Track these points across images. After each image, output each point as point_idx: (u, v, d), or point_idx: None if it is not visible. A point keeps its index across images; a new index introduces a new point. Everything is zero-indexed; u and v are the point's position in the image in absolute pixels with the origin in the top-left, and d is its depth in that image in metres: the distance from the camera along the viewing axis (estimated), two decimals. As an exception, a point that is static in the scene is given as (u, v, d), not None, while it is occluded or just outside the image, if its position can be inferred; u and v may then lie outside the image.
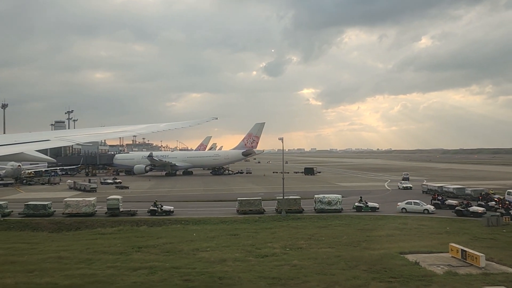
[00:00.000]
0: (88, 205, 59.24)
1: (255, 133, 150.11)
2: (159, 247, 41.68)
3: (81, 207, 58.89)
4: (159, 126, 25.80)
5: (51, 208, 59.91)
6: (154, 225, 55.79)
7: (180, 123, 26.92)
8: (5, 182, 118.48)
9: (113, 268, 32.26)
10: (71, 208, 58.81)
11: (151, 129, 25.50)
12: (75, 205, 59.11)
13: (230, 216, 60.73)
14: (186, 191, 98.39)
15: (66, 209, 59.17)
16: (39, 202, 60.97)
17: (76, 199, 61.16)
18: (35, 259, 36.47)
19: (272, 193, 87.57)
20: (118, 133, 26.33)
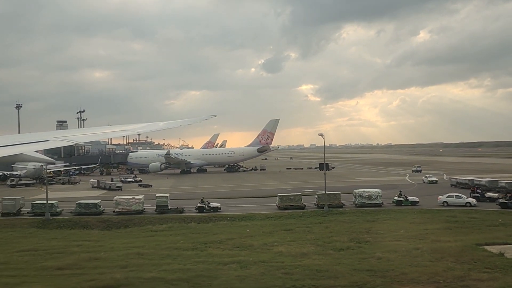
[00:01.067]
0: (138, 203, 60.31)
1: (269, 130, 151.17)
2: (225, 242, 42.72)
3: (131, 205, 59.96)
4: (158, 124, 25.49)
5: (100, 206, 60.89)
6: (202, 222, 56.81)
7: (179, 121, 26.78)
8: (26, 182, 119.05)
9: (203, 263, 33.34)
10: (122, 206, 59.85)
11: (150, 128, 25.64)
12: (125, 203, 60.14)
13: (273, 211, 61.83)
14: (211, 188, 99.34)
15: (116, 207, 60.18)
16: (90, 201, 62.03)
17: (126, 197, 62.17)
18: (116, 256, 37.54)
19: (299, 188, 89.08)
20: (117, 133, 26.34)
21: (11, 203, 61.41)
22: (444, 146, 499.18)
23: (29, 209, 61.32)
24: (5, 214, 60.84)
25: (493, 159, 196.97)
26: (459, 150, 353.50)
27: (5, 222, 57.86)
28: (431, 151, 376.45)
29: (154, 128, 25.05)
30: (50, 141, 17.31)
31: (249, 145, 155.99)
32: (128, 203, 60.03)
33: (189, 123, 27.03)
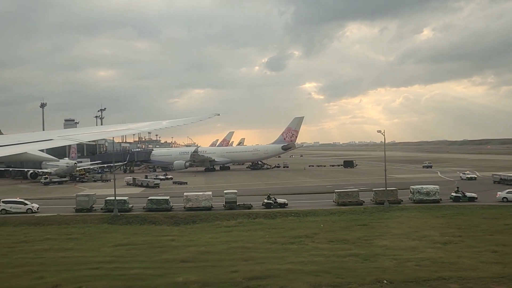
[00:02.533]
0: (208, 199, 61.63)
1: (294, 127, 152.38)
2: (315, 237, 44.04)
3: (201, 201, 61.26)
4: (162, 123, 25.54)
5: (170, 202, 62.21)
6: (268, 217, 58.02)
7: (182, 120, 26.65)
8: (59, 179, 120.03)
9: (321, 256, 34.76)
10: (192, 202, 61.16)
11: (154, 126, 25.61)
12: (195, 199, 61.46)
13: (333, 207, 63.13)
14: (248, 185, 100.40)
15: (187, 203, 61.44)
16: (161, 197, 63.37)
17: (196, 194, 63.44)
18: (222, 249, 38.90)
19: (338, 185, 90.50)
20: (121, 131, 26.01)
21: (85, 199, 62.81)
22: (449, 143, 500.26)
23: (103, 206, 62.49)
24: (79, 210, 62.17)
25: (506, 156, 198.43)
26: (468, 148, 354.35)
27: (77, 218, 59.09)
28: (439, 148, 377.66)
29: (157, 127, 25.70)
30: (54, 140, 17.12)
31: (273, 143, 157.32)
32: (198, 199, 61.36)
33: (193, 121, 27.00)
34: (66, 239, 46.55)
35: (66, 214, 60.61)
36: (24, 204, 63.37)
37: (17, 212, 62.27)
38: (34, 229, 52.97)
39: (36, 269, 33.40)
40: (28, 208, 62.86)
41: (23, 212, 62.42)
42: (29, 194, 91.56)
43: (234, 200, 61.96)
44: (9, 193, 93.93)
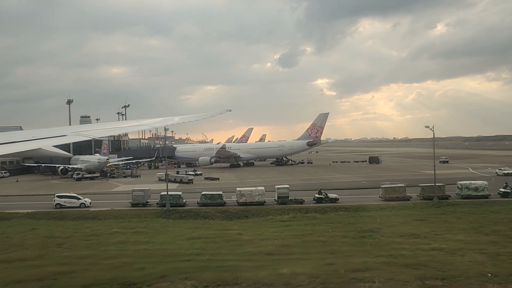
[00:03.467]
0: (261, 194, 62.44)
1: (319, 123, 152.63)
2: (381, 231, 44.64)
3: (254, 196, 62.11)
4: (174, 119, 25.61)
5: (223, 198, 63.09)
6: (319, 212, 58.62)
7: (194, 115, 26.80)
8: (91, 175, 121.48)
9: (405, 250, 35.49)
10: (245, 197, 62.04)
11: (166, 122, 25.72)
12: (248, 194, 62.31)
13: (381, 203, 63.64)
14: (281, 181, 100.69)
15: (240, 198, 62.34)
16: (215, 192, 64.26)
17: (249, 189, 64.23)
18: (297, 243, 39.60)
19: (373, 181, 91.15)
20: (134, 127, 26.44)
21: (140, 194, 63.92)
22: (464, 140, 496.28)
23: (158, 200, 63.51)
24: (135, 205, 63.32)
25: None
26: (486, 144, 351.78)
27: (131, 212, 60.16)
28: (456, 144, 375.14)
29: (169, 123, 25.50)
30: (67, 136, 17.52)
31: (298, 139, 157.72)
32: (251, 194, 62.19)
33: (204, 117, 26.99)
34: (133, 232, 47.49)
35: (120, 209, 61.69)
36: (77, 199, 64.64)
37: (71, 206, 63.52)
38: (94, 223, 54.04)
39: (130, 261, 34.32)
40: (81, 202, 64.13)
41: (76, 206, 63.68)
42: (64, 189, 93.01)
43: (286, 195, 62.66)
44: (44, 189, 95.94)
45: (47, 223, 54.41)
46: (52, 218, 57.66)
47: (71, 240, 43.57)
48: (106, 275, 30.53)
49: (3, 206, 66.96)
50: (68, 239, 44.21)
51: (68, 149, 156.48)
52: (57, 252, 38.44)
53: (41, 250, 39.11)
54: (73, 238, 44.31)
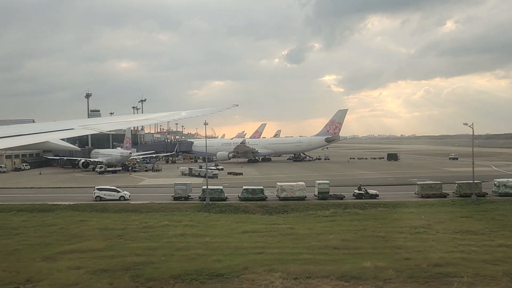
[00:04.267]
0: (302, 189, 62.68)
1: (337, 120, 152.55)
2: (431, 228, 44.80)
3: (295, 191, 62.35)
4: (181, 114, 25.78)
5: (264, 192, 63.45)
6: (358, 208, 58.79)
7: (201, 110, 26.89)
8: (113, 169, 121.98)
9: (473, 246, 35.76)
10: (286, 192, 62.30)
11: (172, 116, 25.83)
12: (289, 189, 62.56)
13: (419, 199, 63.57)
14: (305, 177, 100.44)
15: (281, 193, 62.61)
16: (256, 187, 64.51)
17: (290, 184, 64.42)
18: (354, 237, 39.90)
19: (402, 178, 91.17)
20: (141, 121, 26.02)
21: (183, 188, 64.36)
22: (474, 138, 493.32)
23: (200, 194, 63.92)
24: (177, 198, 63.82)
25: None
26: (499, 142, 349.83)
27: (172, 205, 60.57)
28: (466, 142, 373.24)
29: (176, 117, 25.63)
30: (75, 129, 17.55)
31: (317, 135, 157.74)
32: (292, 189, 62.42)
33: (211, 112, 27.23)
34: (183, 225, 47.94)
35: (160, 202, 62.09)
36: (117, 192, 65.16)
37: (111, 199, 64.04)
38: (138, 216, 54.42)
39: (204, 253, 34.75)
40: (121, 195, 64.66)
41: (116, 199, 64.18)
42: (89, 182, 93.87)
43: (327, 190, 62.92)
44: (70, 181, 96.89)
45: (92, 215, 54.91)
46: (95, 210, 58.20)
47: (127, 232, 43.99)
48: (188, 266, 30.90)
49: (40, 198, 67.49)
50: (123, 231, 44.65)
51: (87, 142, 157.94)
52: (124, 244, 38.90)
53: (105, 241, 39.55)
54: (129, 230, 44.74)
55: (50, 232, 44.30)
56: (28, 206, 59.44)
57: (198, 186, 73.36)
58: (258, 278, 28.20)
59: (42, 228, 46.46)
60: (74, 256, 34.52)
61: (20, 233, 43.81)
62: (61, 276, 29.51)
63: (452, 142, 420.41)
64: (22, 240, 40.73)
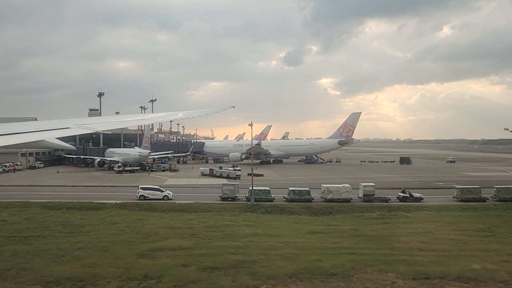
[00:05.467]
0: (348, 191, 63.14)
1: (351, 123, 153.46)
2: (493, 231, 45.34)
3: (342, 193, 62.79)
4: (178, 114, 26.02)
5: (311, 194, 63.86)
6: (403, 210, 59.32)
7: (198, 111, 26.96)
8: (131, 168, 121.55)
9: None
10: (333, 194, 62.71)
11: (169, 117, 25.93)
12: (336, 191, 62.99)
13: (461, 203, 63.67)
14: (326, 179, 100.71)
15: (327, 195, 63.02)
16: (303, 188, 64.81)
17: (337, 186, 64.77)
18: (428, 240, 40.37)
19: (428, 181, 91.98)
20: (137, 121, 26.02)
21: (230, 188, 64.55)
22: (470, 142, 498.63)
23: (247, 194, 64.17)
24: (225, 198, 64.04)
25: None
26: (498, 147, 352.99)
27: (218, 206, 60.65)
28: (465, 147, 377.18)
29: (173, 118, 25.80)
30: (70, 128, 17.56)
31: (330, 137, 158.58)
32: (338, 191, 62.86)
33: (208, 113, 27.52)
34: (244, 225, 48.08)
35: (206, 202, 62.17)
36: (161, 191, 65.16)
37: (154, 198, 64.04)
38: (189, 215, 54.39)
39: (294, 252, 34.97)
40: (165, 195, 64.68)
41: (159, 198, 64.18)
42: (112, 181, 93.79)
43: (372, 192, 63.47)
44: (88, 180, 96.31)
45: (144, 214, 54.85)
46: (143, 209, 58.17)
47: (196, 231, 43.98)
48: (294, 265, 31.06)
49: (76, 196, 67.25)
50: (191, 230, 44.70)
51: (99, 142, 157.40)
52: (207, 242, 38.96)
53: (188, 240, 39.64)
54: (196, 230, 44.73)
55: (119, 230, 44.13)
56: (75, 204, 59.22)
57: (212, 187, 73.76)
58: (376, 278, 28.43)
59: (108, 226, 46.27)
60: (168, 254, 34.48)
61: (90, 231, 43.64)
62: (175, 273, 29.54)
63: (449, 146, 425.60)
64: (99, 238, 40.54)
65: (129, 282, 27.93)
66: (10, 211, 54.49)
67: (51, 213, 53.74)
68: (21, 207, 56.86)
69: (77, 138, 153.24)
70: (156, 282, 27.82)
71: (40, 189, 78.45)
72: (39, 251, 35.45)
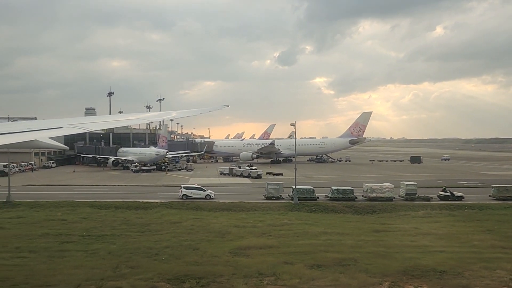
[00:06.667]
0: (391, 190, 63.67)
1: (362, 122, 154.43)
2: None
3: (385, 192, 63.32)
4: (171, 114, 26.22)
5: (354, 193, 64.29)
6: (446, 209, 60.00)
7: (191, 110, 27.04)
8: (148, 168, 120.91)
9: None
10: (376, 193, 63.20)
11: (163, 116, 26.11)
12: (379, 190, 63.50)
13: (500, 202, 64.42)
14: (345, 178, 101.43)
15: (370, 194, 63.51)
16: (346, 187, 65.21)
17: (379, 185, 65.23)
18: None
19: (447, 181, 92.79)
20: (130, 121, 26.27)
21: (275, 187, 64.76)
22: (464, 141, 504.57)
23: (292, 194, 64.35)
24: (269, 197, 64.26)
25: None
26: (495, 146, 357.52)
27: (262, 205, 60.78)
28: (462, 146, 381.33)
29: (166, 117, 26.10)
30: (63, 128, 17.34)
31: (340, 137, 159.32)
32: (381, 190, 63.39)
33: (202, 112, 27.45)
34: (303, 224, 48.42)
35: (250, 201, 62.31)
36: (203, 190, 65.14)
37: (197, 197, 64.01)
38: (242, 215, 54.47)
39: (383, 250, 35.33)
40: (207, 194, 64.68)
41: (202, 198, 64.14)
42: (133, 181, 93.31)
43: (414, 191, 64.08)
44: (111, 180, 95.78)
45: (195, 213, 54.79)
46: (189, 208, 58.09)
47: (264, 230, 44.20)
48: (398, 263, 31.47)
49: (113, 196, 66.85)
50: (256, 228, 44.95)
51: (108, 141, 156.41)
52: (285, 241, 39.11)
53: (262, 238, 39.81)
54: (262, 228, 44.94)
55: (188, 229, 43.94)
56: (121, 204, 58.94)
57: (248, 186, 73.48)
58: (488, 275, 28.85)
59: (172, 225, 46.14)
60: (259, 252, 34.62)
61: (158, 230, 43.55)
62: (286, 270, 29.69)
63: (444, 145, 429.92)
64: (175, 236, 40.40)
65: (247, 279, 28.03)
66: (62, 210, 54.16)
67: (103, 212, 53.51)
68: (70, 207, 56.52)
69: (87, 138, 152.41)
70: (275, 279, 27.95)
71: (71, 188, 77.96)
72: (130, 250, 35.40)
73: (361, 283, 27.19)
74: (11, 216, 50.41)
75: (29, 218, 49.64)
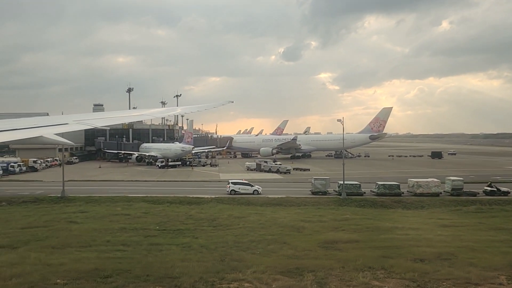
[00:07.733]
0: (437, 186, 63.87)
1: (382, 118, 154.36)
2: None
3: (431, 187, 63.53)
4: (176, 109, 26.33)
5: (400, 188, 64.52)
6: (495, 204, 60.05)
7: (196, 106, 26.99)
8: (173, 163, 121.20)
9: None
10: (422, 188, 63.43)
11: (168, 112, 26.23)
12: (425, 185, 63.71)
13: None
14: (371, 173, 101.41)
15: (417, 189, 63.76)
16: (392, 183, 65.42)
17: (426, 180, 65.44)
18: None
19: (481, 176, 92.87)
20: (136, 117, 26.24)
21: (322, 183, 65.09)
22: (470, 137, 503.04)
23: (339, 189, 64.69)
24: (316, 193, 64.66)
25: None
26: (505, 141, 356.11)
27: (311, 200, 61.02)
28: (472, 141, 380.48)
29: (171, 113, 25.73)
30: (69, 124, 17.26)
31: (360, 132, 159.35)
32: (428, 186, 63.62)
33: (206, 108, 27.35)
34: (364, 218, 48.68)
35: (298, 197, 62.51)
36: (250, 186, 65.36)
37: (245, 193, 64.24)
38: (294, 210, 54.74)
39: (470, 245, 35.56)
40: (255, 189, 64.86)
41: (249, 193, 64.34)
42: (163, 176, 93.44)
43: (461, 187, 64.22)
44: (143, 175, 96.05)
45: (249, 208, 54.97)
46: (240, 203, 58.23)
47: (331, 224, 44.54)
48: (499, 258, 31.56)
49: (157, 191, 67.04)
50: (323, 223, 45.22)
51: (128, 137, 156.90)
52: (373, 235, 39.36)
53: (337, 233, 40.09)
54: (329, 223, 45.17)
55: (258, 223, 43.87)
56: (174, 199, 59.23)
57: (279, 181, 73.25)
58: None
59: (238, 219, 46.08)
60: (348, 246, 34.87)
61: (229, 225, 43.53)
62: (395, 263, 29.90)
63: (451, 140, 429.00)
64: (253, 230, 40.71)
65: (358, 272, 28.18)
66: (119, 205, 54.41)
67: (160, 207, 53.71)
68: (124, 202, 56.80)
69: (107, 134, 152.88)
70: (387, 273, 28.17)
71: (111, 184, 78.23)
72: (220, 243, 35.67)
73: (478, 277, 27.31)
74: (74, 211, 50.63)
75: (93, 212, 49.84)
